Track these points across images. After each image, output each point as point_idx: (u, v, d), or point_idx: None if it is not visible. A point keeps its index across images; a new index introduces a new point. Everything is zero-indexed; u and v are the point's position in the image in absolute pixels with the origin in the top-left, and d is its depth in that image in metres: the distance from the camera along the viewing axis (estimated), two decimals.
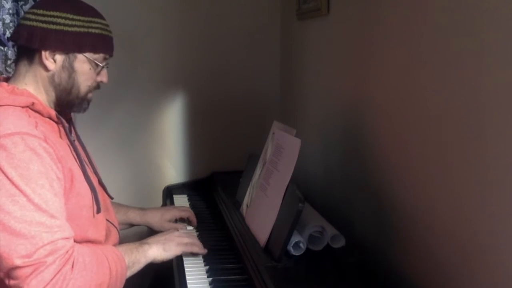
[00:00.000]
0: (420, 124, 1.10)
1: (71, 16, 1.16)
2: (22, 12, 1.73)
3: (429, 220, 1.08)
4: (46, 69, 1.17)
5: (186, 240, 1.36)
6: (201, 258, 1.37)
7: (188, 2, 2.04)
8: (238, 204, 1.57)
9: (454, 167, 0.98)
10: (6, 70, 1.73)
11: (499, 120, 0.85)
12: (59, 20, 1.16)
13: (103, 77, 1.27)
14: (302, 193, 1.18)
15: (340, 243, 1.27)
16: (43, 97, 1.20)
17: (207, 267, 1.32)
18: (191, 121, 2.12)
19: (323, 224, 1.28)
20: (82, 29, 1.18)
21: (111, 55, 1.27)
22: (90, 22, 1.19)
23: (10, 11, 1.72)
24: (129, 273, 1.21)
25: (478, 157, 0.91)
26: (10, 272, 0.99)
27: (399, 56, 1.18)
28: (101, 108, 1.96)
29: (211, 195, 1.88)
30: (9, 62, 1.73)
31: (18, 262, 0.98)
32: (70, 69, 1.19)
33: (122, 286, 1.19)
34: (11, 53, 1.74)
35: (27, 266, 0.98)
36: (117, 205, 1.50)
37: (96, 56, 1.22)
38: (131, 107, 2.04)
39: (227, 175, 1.97)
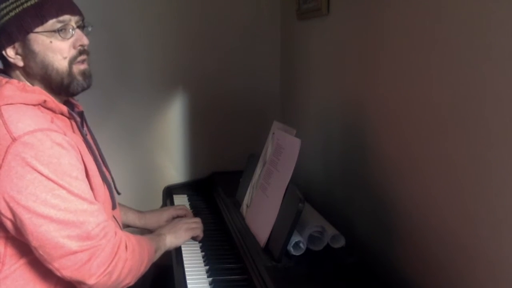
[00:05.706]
0: (420, 123, 1.10)
1: None
2: None
3: (430, 220, 1.08)
4: (17, 66, 1.14)
5: (193, 225, 1.45)
6: (201, 258, 1.38)
7: (188, 3, 2.04)
8: (238, 204, 1.57)
9: (455, 166, 0.98)
10: None
11: (501, 119, 0.85)
12: None
13: (80, 40, 1.15)
14: (302, 193, 1.18)
15: (340, 243, 1.27)
16: None
17: (207, 267, 1.32)
18: (191, 121, 2.12)
19: (323, 224, 1.28)
20: (16, 11, 1.09)
21: (70, 14, 1.13)
22: None
23: None
24: (155, 257, 1.29)
25: (480, 156, 0.91)
26: (64, 260, 1.02)
27: (399, 55, 1.18)
28: (101, 108, 1.97)
29: (211, 195, 1.88)
30: None
31: (74, 247, 1.02)
32: (32, 54, 1.12)
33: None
34: None
35: (83, 251, 1.03)
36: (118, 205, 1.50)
37: (48, 24, 1.11)
38: (131, 107, 2.04)
39: (227, 175, 1.97)
